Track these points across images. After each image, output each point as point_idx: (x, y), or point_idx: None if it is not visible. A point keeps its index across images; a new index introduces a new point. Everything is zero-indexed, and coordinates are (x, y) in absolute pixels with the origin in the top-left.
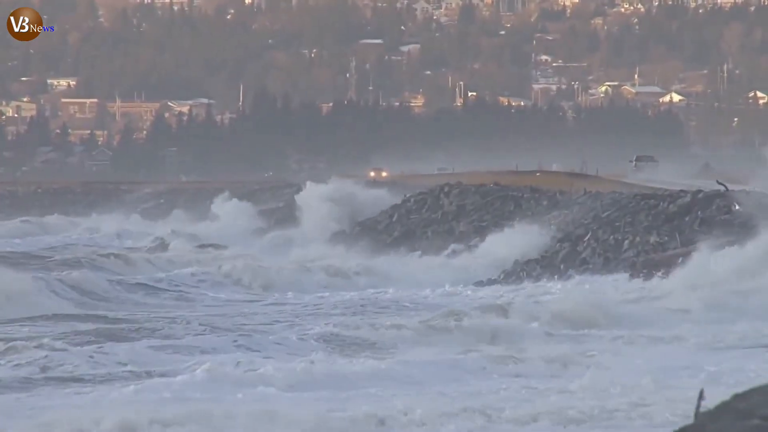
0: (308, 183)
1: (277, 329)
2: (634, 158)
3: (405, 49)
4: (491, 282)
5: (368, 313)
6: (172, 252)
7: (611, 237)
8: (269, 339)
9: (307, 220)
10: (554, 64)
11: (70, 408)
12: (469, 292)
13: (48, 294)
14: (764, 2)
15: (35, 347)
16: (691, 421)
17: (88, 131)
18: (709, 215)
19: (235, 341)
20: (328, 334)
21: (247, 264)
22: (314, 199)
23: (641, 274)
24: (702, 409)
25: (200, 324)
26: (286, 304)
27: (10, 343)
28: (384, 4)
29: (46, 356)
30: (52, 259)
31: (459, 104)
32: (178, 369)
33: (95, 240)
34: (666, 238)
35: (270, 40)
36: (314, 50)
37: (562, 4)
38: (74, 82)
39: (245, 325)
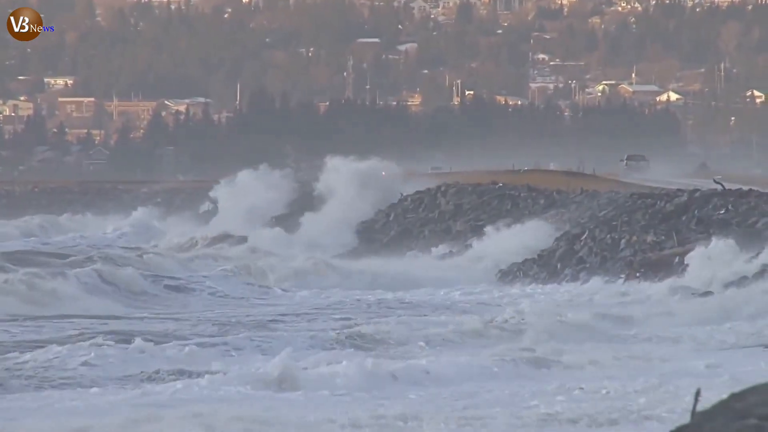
0: (328, 158)
1: (282, 328)
2: (625, 157)
3: (402, 48)
4: (488, 281)
5: (373, 313)
6: (193, 251)
7: (608, 236)
8: (282, 338)
9: (332, 206)
10: (551, 63)
11: (71, 411)
12: (467, 292)
13: (83, 292)
14: (761, 1)
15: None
16: (687, 420)
17: (85, 130)
18: (706, 214)
19: (252, 340)
20: (348, 334)
21: (267, 261)
22: (342, 179)
23: (638, 274)
24: (698, 409)
25: (213, 324)
26: (289, 304)
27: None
28: (381, 3)
29: (54, 358)
30: (72, 257)
31: (456, 103)
32: (197, 370)
33: (106, 239)
34: (663, 237)
35: (267, 39)
36: (311, 49)
37: (560, 2)
38: (71, 81)
39: (259, 323)
